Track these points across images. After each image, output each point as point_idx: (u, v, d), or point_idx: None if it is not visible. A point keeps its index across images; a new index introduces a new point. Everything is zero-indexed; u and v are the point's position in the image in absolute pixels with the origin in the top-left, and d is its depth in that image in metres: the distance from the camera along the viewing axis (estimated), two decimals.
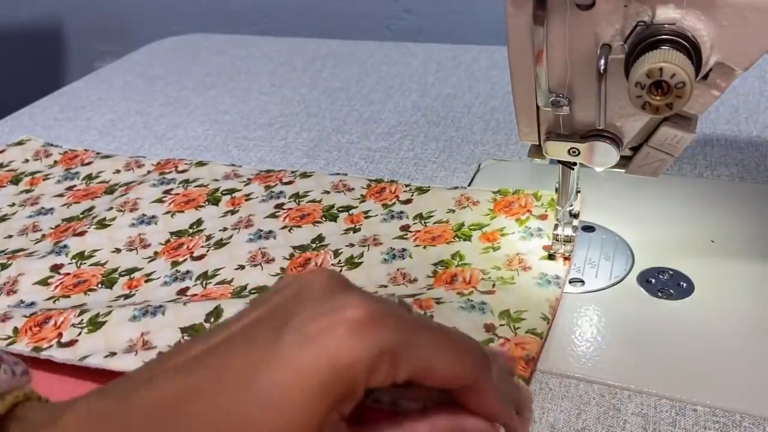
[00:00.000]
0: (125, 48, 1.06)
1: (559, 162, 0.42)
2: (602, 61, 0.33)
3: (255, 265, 0.49)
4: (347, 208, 0.54)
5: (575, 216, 0.46)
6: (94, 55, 1.49)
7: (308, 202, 0.55)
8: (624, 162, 0.40)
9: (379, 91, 0.78)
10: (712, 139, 0.62)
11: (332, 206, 0.55)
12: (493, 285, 0.44)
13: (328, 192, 0.57)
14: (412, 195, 0.55)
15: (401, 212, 0.53)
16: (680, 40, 0.31)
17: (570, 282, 0.45)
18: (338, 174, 0.59)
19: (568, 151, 0.40)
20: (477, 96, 0.75)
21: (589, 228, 0.50)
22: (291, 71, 0.86)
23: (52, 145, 0.69)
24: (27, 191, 0.62)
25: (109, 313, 0.43)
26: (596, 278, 0.45)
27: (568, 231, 0.46)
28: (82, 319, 0.43)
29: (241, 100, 0.79)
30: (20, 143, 0.69)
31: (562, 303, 0.43)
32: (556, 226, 0.46)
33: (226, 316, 0.42)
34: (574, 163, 0.42)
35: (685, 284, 0.44)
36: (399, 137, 0.67)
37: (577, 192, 0.46)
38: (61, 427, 0.24)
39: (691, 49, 0.31)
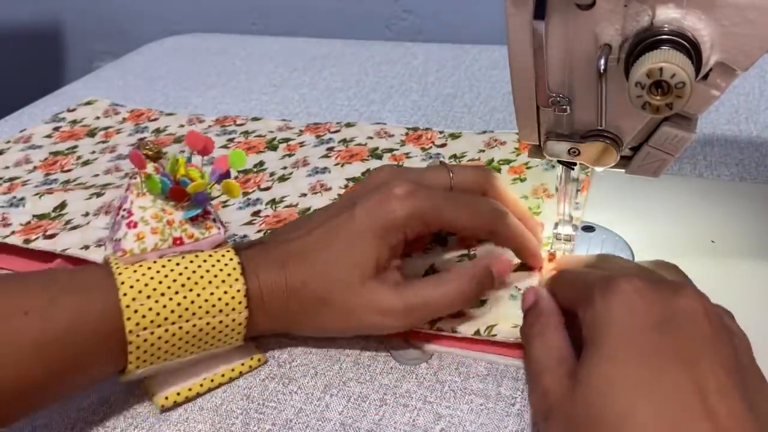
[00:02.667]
0: (125, 48, 1.06)
1: (559, 162, 0.42)
2: (602, 61, 0.33)
3: (315, 193, 0.56)
4: (390, 150, 0.62)
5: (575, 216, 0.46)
6: (94, 55, 1.49)
7: (355, 145, 0.63)
8: (624, 162, 0.40)
9: (379, 91, 0.78)
10: (712, 139, 0.62)
11: (376, 148, 0.63)
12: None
13: (371, 137, 0.64)
14: (446, 140, 0.63)
15: (438, 154, 0.61)
16: (680, 40, 0.31)
17: None
18: (379, 123, 0.68)
19: (568, 151, 0.40)
20: (477, 96, 0.75)
21: (589, 228, 0.50)
22: (291, 71, 0.86)
23: (117, 104, 0.76)
24: (103, 142, 0.69)
25: None
26: None
27: (568, 230, 0.46)
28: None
29: (241, 100, 0.79)
30: (89, 103, 0.77)
31: None
32: (556, 225, 0.46)
33: None
34: (574, 163, 0.42)
35: None
36: None
37: (577, 191, 0.46)
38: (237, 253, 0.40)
39: (691, 49, 0.31)
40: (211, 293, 0.37)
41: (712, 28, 0.31)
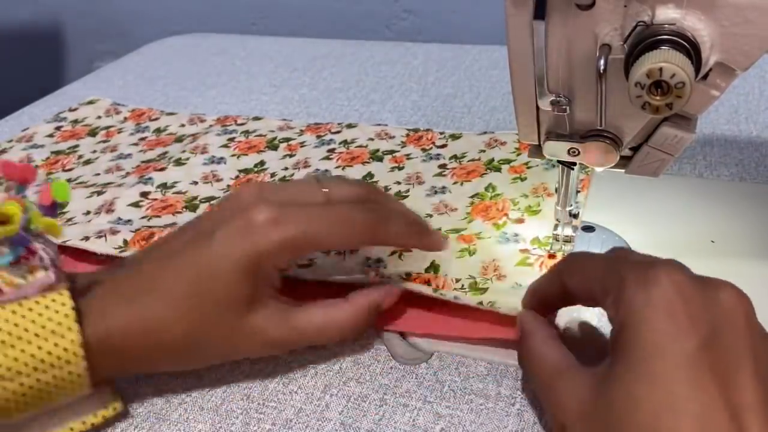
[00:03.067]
0: (125, 48, 1.06)
1: (559, 162, 0.42)
2: (602, 61, 0.33)
3: None
4: (391, 152, 0.62)
5: (575, 216, 0.46)
6: (94, 55, 1.49)
7: (356, 147, 0.64)
8: (624, 162, 0.40)
9: (379, 91, 0.78)
10: (712, 139, 0.62)
11: (377, 150, 0.63)
12: (522, 214, 0.51)
13: (372, 139, 0.65)
14: (446, 141, 0.63)
15: (438, 154, 0.61)
16: (680, 40, 0.31)
17: None
18: (380, 125, 0.68)
19: (568, 151, 0.40)
20: (477, 96, 0.75)
21: (589, 228, 0.50)
22: (291, 71, 0.86)
23: (119, 104, 0.77)
24: (104, 141, 0.70)
25: None
26: None
27: (568, 231, 0.46)
28: None
29: (241, 100, 0.79)
30: (91, 102, 0.77)
31: None
32: (556, 226, 0.46)
33: None
34: (574, 163, 0.42)
35: None
36: None
37: (577, 192, 0.46)
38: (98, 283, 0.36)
39: (691, 49, 0.31)
40: (39, 347, 0.32)
41: (711, 28, 0.31)
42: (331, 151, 0.63)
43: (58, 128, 0.73)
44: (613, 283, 0.31)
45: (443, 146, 0.62)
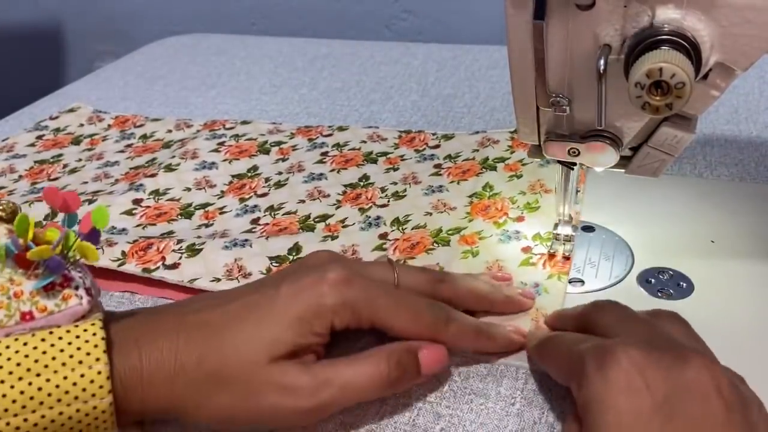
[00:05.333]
0: (125, 48, 1.06)
1: (559, 162, 0.42)
2: (602, 61, 0.33)
3: (314, 200, 0.56)
4: (384, 154, 0.62)
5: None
6: (94, 55, 1.49)
7: (349, 150, 0.63)
8: (624, 162, 0.40)
9: (379, 91, 0.78)
10: (712, 139, 0.62)
11: (371, 152, 0.62)
12: (522, 212, 0.51)
13: (365, 141, 0.64)
14: (439, 141, 0.63)
15: (432, 155, 0.61)
16: (680, 41, 0.31)
17: (570, 282, 0.45)
18: (371, 127, 0.68)
19: (568, 151, 0.40)
20: (477, 96, 0.75)
21: (589, 228, 0.50)
22: (291, 71, 0.86)
23: (101, 111, 0.76)
24: (89, 149, 0.68)
25: (203, 243, 0.49)
26: (596, 278, 0.45)
27: (568, 231, 0.46)
28: (182, 246, 0.49)
29: (241, 100, 0.79)
30: (72, 110, 0.76)
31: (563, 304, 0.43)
32: (556, 226, 0.46)
33: (305, 251, 0.49)
34: (574, 163, 0.42)
35: (684, 284, 0.44)
36: None
37: (577, 192, 0.46)
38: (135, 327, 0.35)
39: (691, 50, 0.31)
40: (65, 377, 0.31)
41: (711, 28, 0.31)
42: (324, 154, 0.63)
43: (39, 137, 0.71)
44: (576, 368, 0.31)
45: (436, 147, 0.62)
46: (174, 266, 0.48)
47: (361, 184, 0.57)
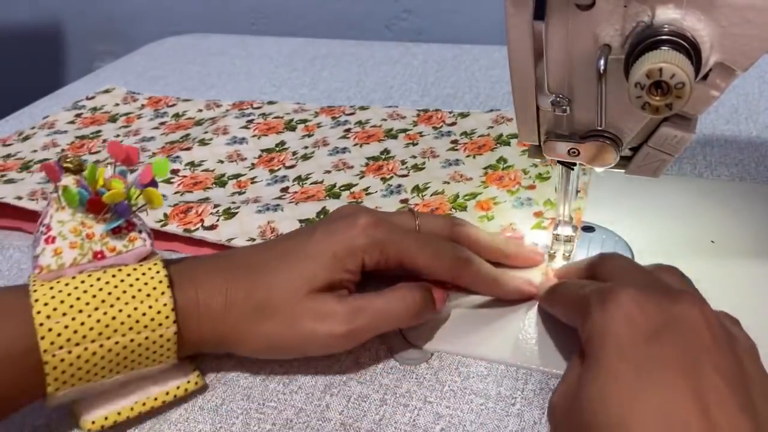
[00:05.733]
0: (125, 48, 1.06)
1: (559, 162, 0.42)
2: (602, 61, 0.33)
3: (339, 170, 0.60)
4: (404, 130, 0.66)
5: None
6: (94, 55, 1.49)
7: (370, 126, 0.67)
8: (624, 162, 0.40)
9: (379, 91, 0.78)
10: (712, 139, 0.62)
11: (391, 129, 0.66)
12: (533, 181, 0.54)
13: (385, 119, 0.68)
14: (455, 119, 0.67)
15: (449, 132, 0.65)
16: (680, 41, 0.31)
17: None
18: (391, 107, 0.71)
19: (568, 151, 0.40)
20: (477, 96, 0.75)
21: (589, 228, 0.50)
22: (291, 71, 0.86)
23: (134, 92, 0.80)
24: (125, 126, 0.72)
25: (238, 207, 0.53)
26: None
27: (568, 231, 0.46)
28: (218, 210, 0.53)
29: (241, 100, 0.79)
30: (107, 91, 0.80)
31: None
32: (556, 226, 0.46)
33: None
34: (574, 163, 0.42)
35: None
36: None
37: (577, 192, 0.46)
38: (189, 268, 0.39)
39: (691, 50, 0.31)
40: (135, 308, 0.35)
41: (711, 28, 0.31)
42: (347, 130, 0.67)
43: (78, 115, 0.75)
44: (581, 308, 0.34)
45: (453, 124, 0.66)
46: (212, 227, 0.51)
47: (383, 157, 0.61)
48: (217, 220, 0.52)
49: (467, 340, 0.42)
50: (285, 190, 0.57)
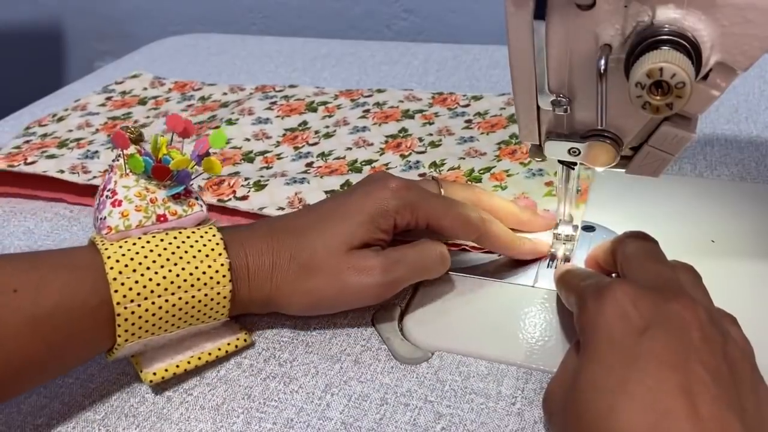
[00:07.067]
0: (125, 48, 1.06)
1: (559, 162, 0.42)
2: (602, 61, 0.33)
3: (360, 147, 0.63)
4: (420, 111, 0.69)
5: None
6: (94, 55, 1.49)
7: (388, 108, 0.70)
8: (624, 162, 0.40)
9: None
10: (712, 139, 0.62)
11: (408, 110, 0.70)
12: None
13: (402, 101, 0.72)
14: (469, 101, 0.71)
15: (463, 112, 0.68)
16: (680, 41, 0.31)
17: None
18: (407, 89, 0.75)
19: (568, 151, 0.40)
20: None
21: (589, 228, 0.50)
22: (291, 71, 0.86)
23: (161, 78, 0.83)
24: (155, 108, 0.76)
25: (267, 180, 0.56)
26: None
27: (569, 230, 0.46)
28: (249, 182, 0.56)
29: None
30: (134, 76, 0.83)
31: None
32: (556, 226, 0.46)
33: None
34: (574, 163, 0.42)
35: None
36: None
37: (578, 191, 0.46)
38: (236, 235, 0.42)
39: (691, 49, 0.31)
40: (196, 267, 0.38)
41: (712, 28, 0.32)
42: (366, 111, 0.70)
43: (108, 98, 0.78)
44: (579, 298, 0.35)
45: (467, 105, 0.70)
46: (244, 198, 0.55)
47: (401, 135, 0.65)
48: (248, 192, 0.55)
49: (467, 339, 0.42)
50: (309, 165, 0.61)
